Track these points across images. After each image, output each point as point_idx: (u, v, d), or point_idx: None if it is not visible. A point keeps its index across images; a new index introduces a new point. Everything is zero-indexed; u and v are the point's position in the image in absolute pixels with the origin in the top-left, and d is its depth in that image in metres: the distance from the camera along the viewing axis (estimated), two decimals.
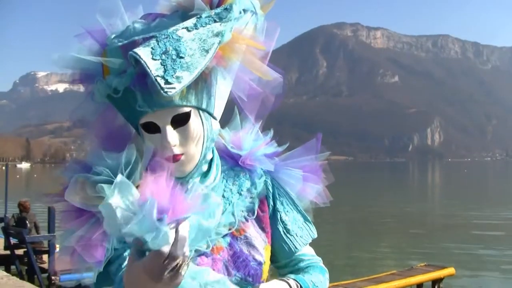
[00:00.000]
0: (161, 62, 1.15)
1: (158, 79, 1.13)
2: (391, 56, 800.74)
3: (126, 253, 1.27)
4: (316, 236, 1.47)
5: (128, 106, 1.27)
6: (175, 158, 1.26)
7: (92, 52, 1.29)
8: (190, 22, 1.23)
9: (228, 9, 1.26)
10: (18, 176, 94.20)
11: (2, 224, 12.75)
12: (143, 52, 1.15)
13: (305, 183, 1.47)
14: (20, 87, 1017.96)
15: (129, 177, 1.15)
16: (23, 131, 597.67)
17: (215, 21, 1.24)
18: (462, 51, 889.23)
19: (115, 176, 1.10)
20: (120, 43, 1.25)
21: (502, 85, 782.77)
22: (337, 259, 15.83)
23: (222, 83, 1.32)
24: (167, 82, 1.14)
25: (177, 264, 0.97)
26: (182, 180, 1.18)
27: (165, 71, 1.15)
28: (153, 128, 1.26)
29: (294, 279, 1.35)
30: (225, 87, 1.34)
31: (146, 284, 1.02)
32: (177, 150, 1.26)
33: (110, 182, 1.09)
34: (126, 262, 1.19)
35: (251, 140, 1.47)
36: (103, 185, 1.06)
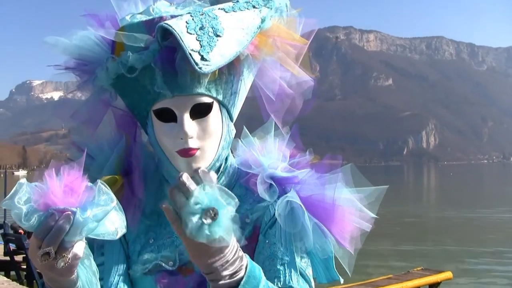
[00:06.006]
0: (196, 37, 1.04)
1: (193, 53, 1.02)
2: (385, 59, 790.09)
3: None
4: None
5: (142, 89, 1.14)
6: (189, 152, 1.13)
7: (98, 37, 1.19)
8: (226, 5, 1.14)
9: None
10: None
11: (2, 231, 12.82)
12: (176, 25, 1.04)
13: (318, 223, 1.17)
14: (16, 95, 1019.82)
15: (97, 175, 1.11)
16: (19, 139, 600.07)
17: (254, 7, 1.15)
18: (457, 52, 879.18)
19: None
20: (143, 19, 1.15)
21: (498, 86, 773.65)
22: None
23: (246, 80, 1.23)
24: (203, 58, 1.02)
25: (47, 253, 0.87)
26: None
27: (201, 46, 1.03)
28: (168, 117, 1.14)
29: None
30: (246, 86, 1.25)
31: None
32: (192, 143, 1.13)
33: None
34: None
35: (273, 158, 1.27)
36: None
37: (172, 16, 1.12)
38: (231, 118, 1.23)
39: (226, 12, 1.12)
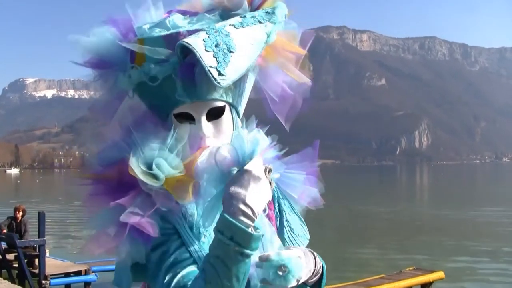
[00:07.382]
0: (213, 54, 1.18)
1: (212, 70, 1.16)
2: (378, 58, 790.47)
3: (171, 241, 1.26)
4: (309, 237, 1.56)
5: (163, 95, 1.30)
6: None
7: (116, 40, 1.33)
8: (235, 21, 1.28)
9: (270, 13, 1.33)
10: (19, 181, 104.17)
11: None
12: (195, 43, 1.18)
13: (304, 186, 1.54)
14: (9, 93, 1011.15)
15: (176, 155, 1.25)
16: (12, 137, 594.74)
17: (259, 22, 1.29)
18: (450, 52, 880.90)
19: (167, 152, 1.24)
20: (162, 33, 1.28)
21: (491, 86, 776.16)
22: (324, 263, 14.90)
23: (250, 83, 1.42)
24: (220, 74, 1.17)
25: (270, 169, 1.18)
26: None
27: (218, 63, 1.18)
28: (186, 119, 1.31)
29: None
30: (250, 85, 1.43)
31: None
32: (209, 142, 1.29)
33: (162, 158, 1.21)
34: (173, 248, 1.24)
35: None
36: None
37: (188, 32, 1.26)
38: (238, 115, 1.42)
39: (236, 28, 1.26)
